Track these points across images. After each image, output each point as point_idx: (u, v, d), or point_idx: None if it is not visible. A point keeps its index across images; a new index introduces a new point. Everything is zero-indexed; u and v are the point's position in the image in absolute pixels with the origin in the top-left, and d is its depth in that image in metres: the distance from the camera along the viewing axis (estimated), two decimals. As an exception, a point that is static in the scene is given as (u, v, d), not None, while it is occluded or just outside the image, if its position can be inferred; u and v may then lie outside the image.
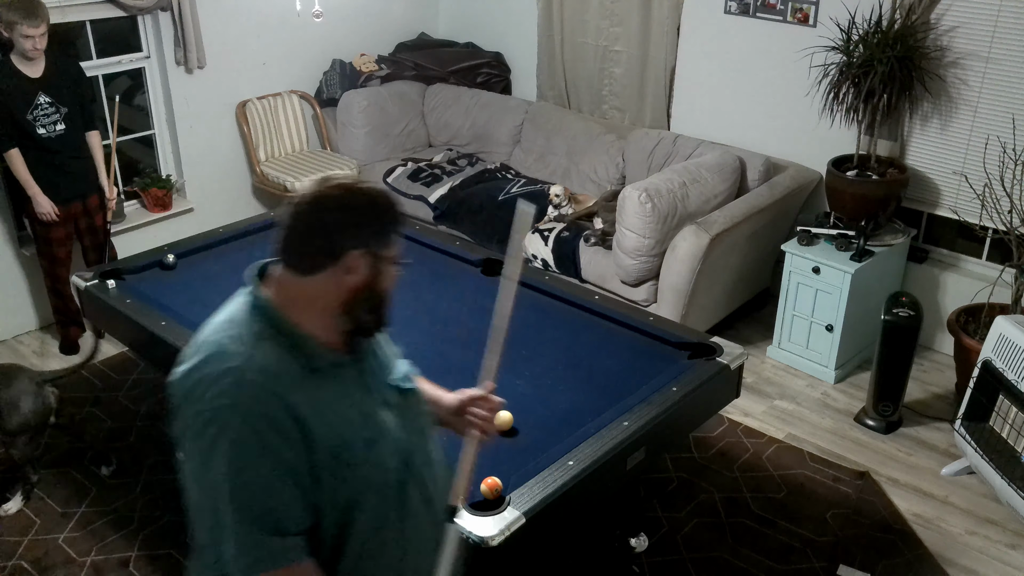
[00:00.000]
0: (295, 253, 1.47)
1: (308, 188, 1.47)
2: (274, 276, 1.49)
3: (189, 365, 1.49)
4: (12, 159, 3.97)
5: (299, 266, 1.46)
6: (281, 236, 1.48)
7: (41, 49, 3.88)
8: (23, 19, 3.76)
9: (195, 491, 1.41)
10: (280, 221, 1.48)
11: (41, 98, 3.96)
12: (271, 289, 1.49)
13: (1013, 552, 3.21)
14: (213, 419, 1.37)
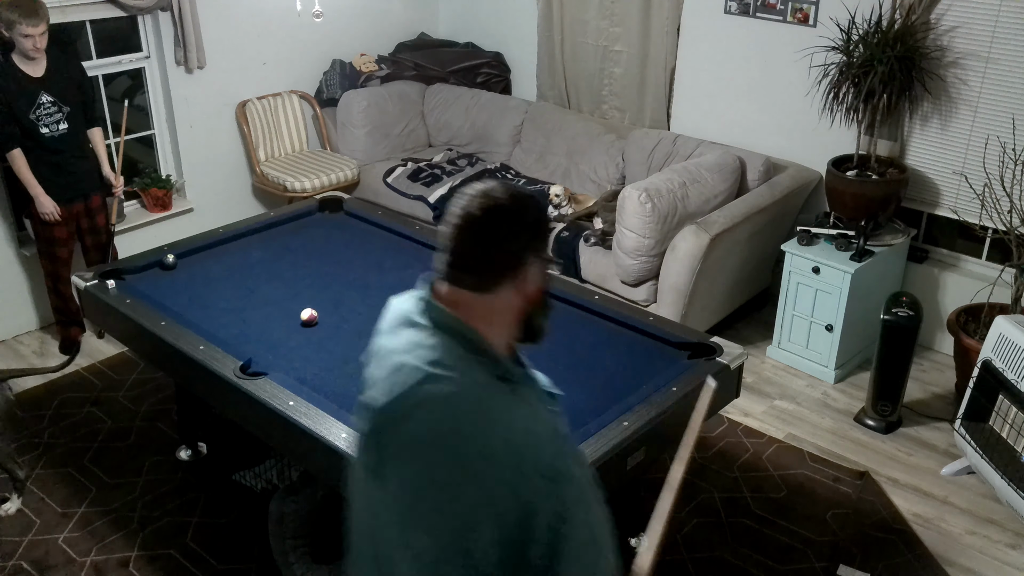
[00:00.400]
0: (475, 272, 1.40)
1: (465, 201, 1.40)
2: (444, 296, 1.43)
3: (398, 392, 1.39)
4: (14, 159, 3.97)
5: (481, 284, 1.40)
6: (454, 255, 1.40)
7: (42, 48, 3.87)
8: (23, 18, 3.75)
9: (426, 515, 1.32)
10: (447, 239, 1.41)
11: (43, 98, 3.96)
12: (452, 310, 1.42)
13: (1013, 552, 3.21)
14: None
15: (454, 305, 1.42)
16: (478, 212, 1.38)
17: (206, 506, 3.36)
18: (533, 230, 1.42)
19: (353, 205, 4.06)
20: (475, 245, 1.39)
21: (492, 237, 1.38)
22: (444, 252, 1.42)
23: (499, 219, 1.39)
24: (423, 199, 5.07)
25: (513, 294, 1.41)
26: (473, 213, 1.39)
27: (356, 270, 3.45)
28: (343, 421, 2.45)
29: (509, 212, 1.39)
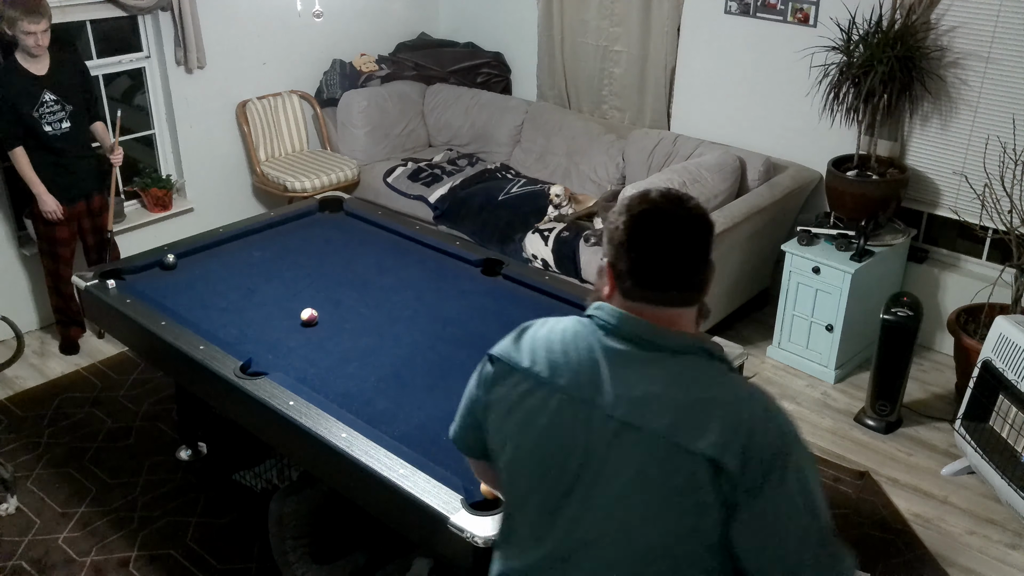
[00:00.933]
0: (698, 286, 1.43)
1: (672, 220, 1.42)
2: (661, 317, 1.43)
3: (774, 412, 1.39)
4: (17, 157, 3.97)
5: (698, 296, 1.45)
6: (681, 272, 1.42)
7: (44, 46, 3.87)
8: (24, 15, 3.75)
9: (796, 513, 1.36)
10: (656, 254, 1.41)
11: (47, 96, 3.96)
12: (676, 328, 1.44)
13: (1013, 552, 3.21)
14: (807, 455, 1.40)
15: (673, 324, 1.44)
16: (685, 222, 1.42)
17: (206, 506, 3.36)
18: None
19: (353, 205, 4.06)
20: (699, 260, 1.42)
21: (700, 249, 1.42)
22: (658, 272, 1.41)
23: (698, 229, 1.43)
24: (423, 199, 5.07)
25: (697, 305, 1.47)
26: (687, 226, 1.42)
27: (356, 270, 3.45)
28: (343, 421, 2.45)
29: (702, 220, 1.43)
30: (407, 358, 2.85)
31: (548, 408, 1.45)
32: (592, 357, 1.44)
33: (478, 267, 3.46)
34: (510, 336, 1.57)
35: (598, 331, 1.46)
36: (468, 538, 2.04)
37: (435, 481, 2.21)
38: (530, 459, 1.48)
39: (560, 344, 1.49)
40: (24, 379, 4.18)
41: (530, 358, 1.50)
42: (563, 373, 1.46)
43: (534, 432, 1.47)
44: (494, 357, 1.57)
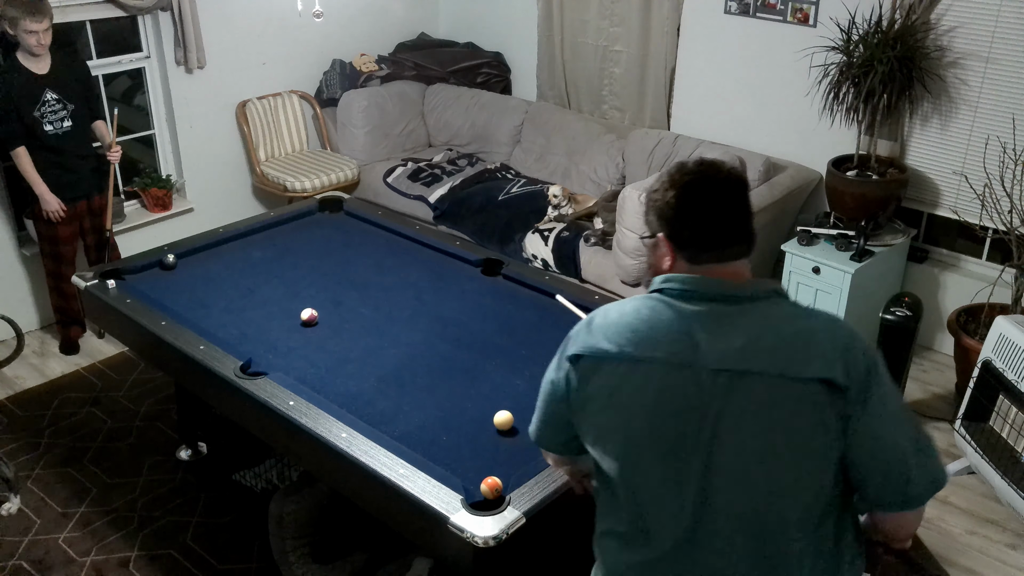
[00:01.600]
0: (748, 237, 1.59)
1: (714, 181, 1.55)
2: (727, 272, 1.56)
3: (855, 331, 1.53)
4: (19, 157, 3.97)
5: (750, 248, 1.59)
6: (737, 227, 1.57)
7: (45, 45, 3.87)
8: (26, 15, 3.75)
9: (896, 416, 1.49)
10: (715, 219, 1.54)
11: (48, 95, 3.96)
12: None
13: (1013, 552, 3.21)
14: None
15: (739, 276, 1.56)
16: (734, 184, 1.56)
17: (206, 506, 3.36)
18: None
19: (353, 205, 4.06)
20: (748, 213, 1.58)
21: (749, 201, 1.58)
22: (712, 232, 1.53)
23: (747, 183, 1.59)
24: (423, 199, 5.07)
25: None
26: (732, 187, 1.55)
27: (356, 270, 3.45)
28: (343, 421, 2.45)
29: (743, 175, 1.60)
30: (407, 358, 2.85)
31: (652, 384, 1.50)
32: (680, 324, 1.51)
33: (478, 267, 3.46)
34: (581, 333, 1.61)
35: (676, 301, 1.53)
36: (468, 538, 2.04)
37: (435, 481, 2.21)
38: (647, 439, 1.51)
39: (641, 322, 1.53)
40: (24, 379, 4.18)
41: (615, 343, 1.53)
42: (657, 346, 1.50)
43: (644, 411, 1.50)
44: (577, 356, 1.58)
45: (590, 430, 1.60)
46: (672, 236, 1.55)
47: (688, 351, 1.48)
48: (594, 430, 1.59)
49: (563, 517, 2.27)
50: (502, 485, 2.19)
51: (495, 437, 2.47)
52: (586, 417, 1.59)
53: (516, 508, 2.12)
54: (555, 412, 1.67)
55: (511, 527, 2.08)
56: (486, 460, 2.35)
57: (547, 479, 2.23)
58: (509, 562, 2.11)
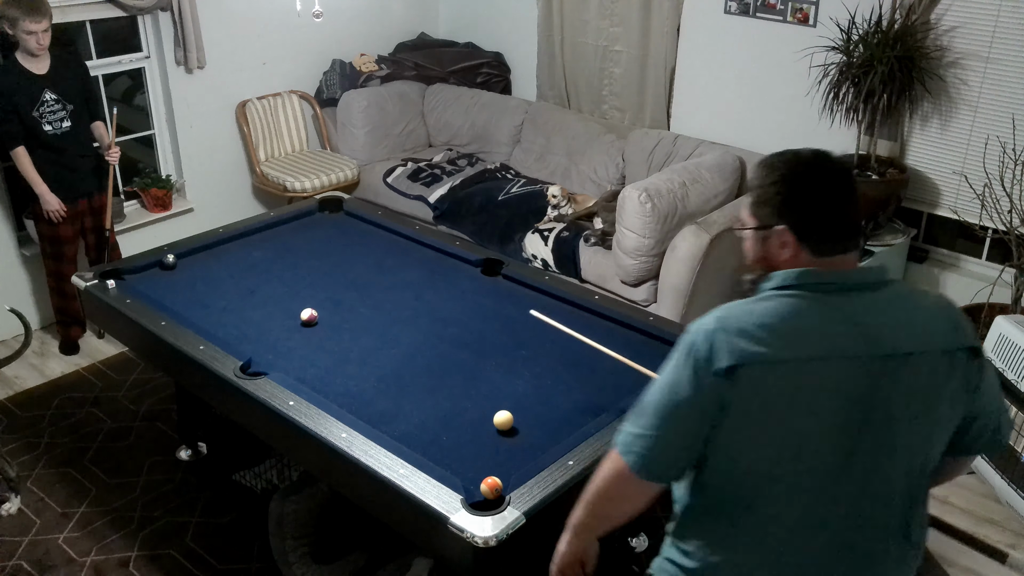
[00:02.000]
0: (860, 227, 1.58)
1: (838, 173, 1.54)
2: (849, 262, 1.56)
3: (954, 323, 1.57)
4: (18, 157, 3.97)
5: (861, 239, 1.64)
6: (857, 218, 1.55)
7: (45, 45, 3.86)
8: (26, 15, 3.75)
9: (993, 369, 1.62)
10: (842, 210, 1.53)
11: (47, 95, 3.96)
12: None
13: (1013, 552, 3.21)
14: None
15: (855, 265, 1.56)
16: (850, 173, 1.55)
17: (206, 506, 3.36)
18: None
19: (353, 205, 4.06)
20: (859, 204, 1.55)
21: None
22: (841, 223, 1.53)
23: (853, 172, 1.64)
24: (423, 199, 5.07)
25: None
26: (850, 176, 1.54)
27: (356, 270, 3.45)
28: (343, 421, 2.45)
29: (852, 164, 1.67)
30: (407, 358, 2.85)
31: (828, 382, 1.47)
32: (837, 318, 1.49)
33: (478, 267, 3.46)
34: (725, 343, 1.47)
35: (815, 295, 1.51)
36: (468, 538, 2.04)
37: (435, 481, 2.21)
38: (823, 439, 1.49)
39: (796, 320, 1.49)
40: (24, 379, 4.18)
41: (775, 346, 1.47)
42: (822, 343, 1.48)
43: (822, 410, 1.48)
44: (734, 367, 1.46)
45: (745, 444, 1.50)
46: (796, 227, 1.53)
47: (853, 343, 1.48)
48: (750, 442, 1.50)
49: (563, 517, 2.27)
50: (502, 485, 2.19)
51: (495, 437, 2.47)
52: (741, 430, 1.49)
53: (516, 508, 2.12)
54: (687, 433, 1.52)
55: (511, 527, 2.08)
56: (486, 460, 2.35)
57: (547, 479, 2.24)
58: (509, 562, 2.11)
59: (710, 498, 1.60)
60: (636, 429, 1.55)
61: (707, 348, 1.48)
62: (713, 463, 1.55)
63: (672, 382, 1.52)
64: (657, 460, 1.55)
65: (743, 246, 1.65)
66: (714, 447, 1.52)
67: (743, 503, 1.55)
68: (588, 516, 1.71)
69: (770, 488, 1.53)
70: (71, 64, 4.09)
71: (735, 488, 1.55)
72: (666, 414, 1.52)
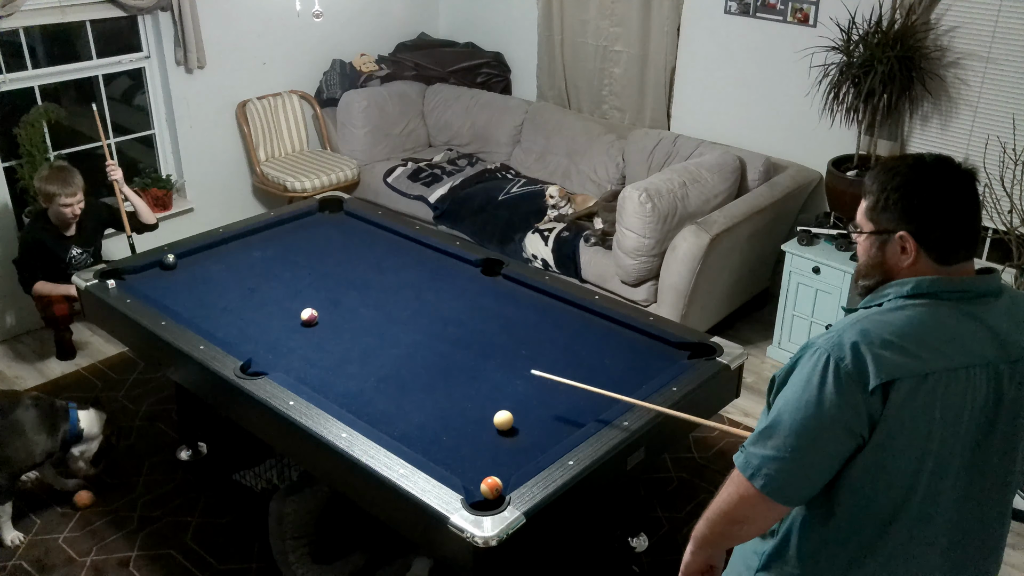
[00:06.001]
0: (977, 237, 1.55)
1: (964, 176, 1.53)
2: (970, 269, 1.55)
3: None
4: (39, 290, 4.12)
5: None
6: (979, 226, 1.54)
7: (79, 215, 4.05)
8: (61, 190, 3.94)
9: None
10: (970, 217, 1.52)
11: (74, 251, 4.15)
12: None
13: (1013, 552, 3.21)
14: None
15: (973, 272, 1.54)
16: (975, 182, 1.54)
17: (206, 506, 3.36)
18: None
19: (353, 205, 4.06)
20: (979, 214, 1.55)
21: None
22: (965, 230, 1.52)
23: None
24: (423, 199, 5.07)
25: None
26: (974, 184, 1.53)
27: (356, 270, 3.45)
28: (343, 421, 2.45)
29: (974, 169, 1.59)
30: (407, 358, 2.86)
31: (972, 389, 1.48)
32: (975, 324, 1.50)
33: (478, 267, 3.46)
34: (878, 357, 1.43)
35: (949, 303, 1.50)
36: (468, 538, 2.05)
37: (435, 481, 2.21)
38: (963, 447, 1.51)
39: (931, 331, 1.48)
40: (24, 379, 4.18)
41: (928, 360, 1.45)
42: (964, 351, 1.48)
43: (962, 420, 1.49)
44: (888, 383, 1.42)
45: (890, 459, 1.47)
46: (921, 235, 1.51)
47: (992, 349, 1.49)
48: (896, 456, 1.47)
49: (563, 517, 2.28)
50: (502, 485, 2.19)
51: (495, 437, 2.47)
52: (888, 446, 1.46)
53: (516, 508, 2.12)
54: (828, 454, 1.47)
55: (511, 527, 2.08)
56: (486, 460, 2.36)
57: (547, 479, 2.24)
58: (509, 562, 2.11)
59: (841, 519, 1.53)
60: (768, 451, 1.48)
61: (855, 364, 1.42)
62: (849, 483, 1.50)
63: (812, 400, 1.44)
64: (793, 483, 1.48)
65: (857, 251, 1.64)
66: (853, 466, 1.48)
67: (882, 521, 1.51)
68: (712, 534, 1.67)
69: (911, 503, 1.50)
70: (91, 213, 4.18)
71: (875, 507, 1.50)
72: (805, 433, 1.44)
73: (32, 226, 4.16)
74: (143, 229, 4.31)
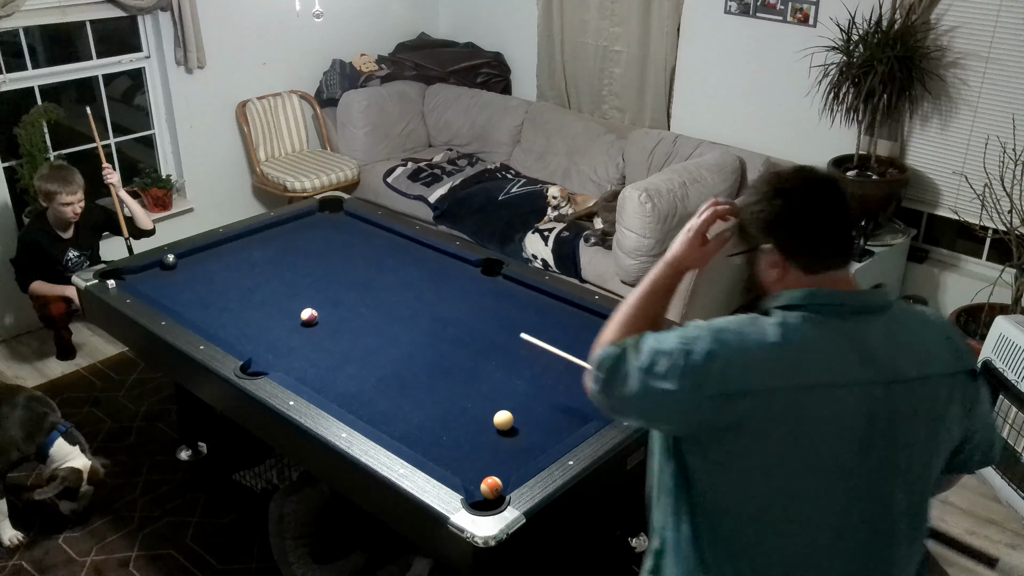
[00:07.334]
0: (854, 242, 1.55)
1: (829, 184, 1.53)
2: (851, 280, 1.53)
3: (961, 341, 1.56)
4: (35, 289, 4.14)
5: (853, 254, 1.57)
6: (848, 234, 1.54)
7: (79, 214, 4.06)
8: (61, 188, 3.95)
9: (986, 388, 1.60)
10: (837, 222, 1.52)
11: (71, 253, 4.16)
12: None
13: (1013, 552, 3.21)
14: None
15: (852, 283, 1.52)
16: (837, 186, 1.54)
17: (206, 506, 3.36)
18: None
19: (353, 205, 4.06)
20: (851, 217, 1.55)
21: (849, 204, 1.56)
22: (829, 236, 1.51)
23: (841, 186, 1.57)
24: (423, 199, 5.07)
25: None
26: (837, 189, 1.53)
27: (356, 270, 3.45)
28: (343, 421, 2.45)
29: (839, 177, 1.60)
30: (407, 358, 2.85)
31: (829, 408, 1.41)
32: (842, 341, 1.44)
33: (478, 267, 3.46)
34: (725, 368, 1.40)
35: (824, 317, 1.46)
36: (468, 538, 2.04)
37: (435, 481, 2.21)
38: (826, 468, 1.42)
39: (795, 344, 1.43)
40: (24, 379, 4.18)
41: (782, 375, 1.41)
42: (827, 369, 1.42)
43: (822, 437, 1.41)
44: (727, 395, 1.40)
45: (747, 476, 1.44)
46: (784, 246, 1.50)
47: (858, 368, 1.42)
48: (752, 474, 1.44)
49: (563, 517, 2.27)
50: (502, 485, 2.19)
51: (495, 437, 2.47)
52: (742, 462, 1.44)
53: (516, 508, 2.12)
54: (670, 416, 1.48)
55: (511, 527, 2.08)
56: (486, 460, 2.35)
57: (547, 479, 2.23)
58: (509, 562, 2.11)
59: (709, 533, 1.51)
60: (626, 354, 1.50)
61: (704, 365, 1.41)
62: (713, 496, 1.47)
63: (663, 372, 1.43)
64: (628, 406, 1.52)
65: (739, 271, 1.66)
66: (712, 478, 1.46)
67: (748, 539, 1.48)
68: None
69: (776, 522, 1.46)
70: (89, 216, 4.19)
71: (740, 524, 1.47)
72: (649, 395, 1.45)
73: (30, 227, 4.17)
74: (140, 235, 4.30)
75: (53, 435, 3.19)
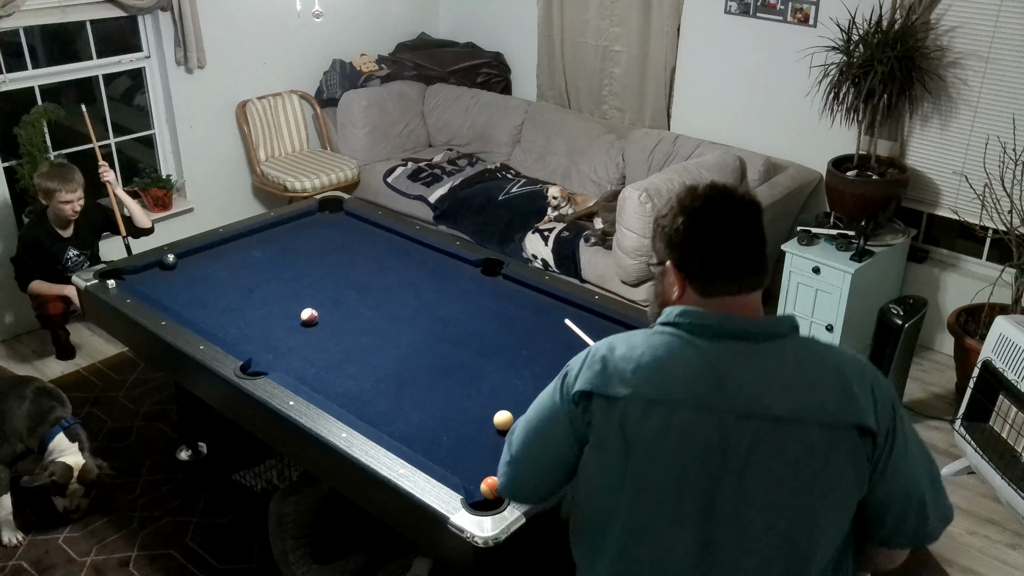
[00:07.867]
0: (763, 267, 1.46)
1: (732, 207, 1.45)
2: (750, 306, 1.46)
3: (873, 366, 1.47)
4: (35, 288, 4.15)
5: (765, 279, 1.48)
6: (753, 259, 1.45)
7: (79, 212, 4.06)
8: (61, 185, 3.95)
9: (917, 454, 1.44)
10: (735, 247, 1.44)
11: (71, 252, 4.16)
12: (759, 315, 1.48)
13: (1013, 552, 3.21)
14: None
15: (754, 310, 1.46)
16: (748, 209, 1.44)
17: (206, 506, 3.36)
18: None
19: (353, 205, 4.06)
20: (763, 241, 1.45)
21: (763, 229, 1.46)
22: (728, 261, 1.43)
23: (760, 209, 1.47)
24: (423, 199, 5.07)
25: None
26: (745, 212, 1.44)
27: (356, 270, 3.45)
28: (343, 421, 2.45)
29: (757, 200, 1.47)
30: (407, 358, 2.85)
31: (673, 428, 1.39)
32: (701, 363, 1.41)
33: (478, 267, 3.46)
34: (587, 370, 1.47)
35: (693, 337, 1.43)
36: (468, 538, 2.04)
37: (435, 481, 2.21)
38: (663, 488, 1.41)
39: (657, 360, 1.42)
40: (24, 379, 4.18)
41: (629, 384, 1.42)
42: (677, 387, 1.40)
43: (662, 455, 1.40)
44: (585, 393, 1.45)
45: (594, 474, 1.48)
46: (681, 265, 1.46)
47: (712, 393, 1.39)
48: (599, 474, 1.47)
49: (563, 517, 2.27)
50: (502, 485, 2.18)
51: (495, 437, 2.47)
52: (591, 462, 1.47)
53: (516, 508, 2.12)
54: (551, 450, 1.53)
55: (511, 527, 2.08)
56: (486, 460, 2.35)
57: (547, 479, 2.23)
58: (509, 562, 2.11)
59: (577, 522, 1.58)
60: (505, 456, 1.60)
61: (574, 372, 1.51)
62: (575, 490, 1.54)
63: (544, 404, 1.56)
64: (529, 486, 1.62)
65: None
66: (576, 483, 1.54)
67: (597, 535, 1.50)
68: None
69: (612, 527, 1.46)
70: (89, 216, 4.19)
71: (592, 517, 1.51)
72: (531, 436, 1.56)
73: (30, 226, 4.17)
74: (139, 234, 4.31)
75: (55, 429, 3.21)
